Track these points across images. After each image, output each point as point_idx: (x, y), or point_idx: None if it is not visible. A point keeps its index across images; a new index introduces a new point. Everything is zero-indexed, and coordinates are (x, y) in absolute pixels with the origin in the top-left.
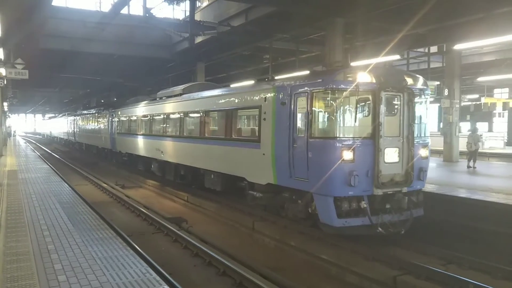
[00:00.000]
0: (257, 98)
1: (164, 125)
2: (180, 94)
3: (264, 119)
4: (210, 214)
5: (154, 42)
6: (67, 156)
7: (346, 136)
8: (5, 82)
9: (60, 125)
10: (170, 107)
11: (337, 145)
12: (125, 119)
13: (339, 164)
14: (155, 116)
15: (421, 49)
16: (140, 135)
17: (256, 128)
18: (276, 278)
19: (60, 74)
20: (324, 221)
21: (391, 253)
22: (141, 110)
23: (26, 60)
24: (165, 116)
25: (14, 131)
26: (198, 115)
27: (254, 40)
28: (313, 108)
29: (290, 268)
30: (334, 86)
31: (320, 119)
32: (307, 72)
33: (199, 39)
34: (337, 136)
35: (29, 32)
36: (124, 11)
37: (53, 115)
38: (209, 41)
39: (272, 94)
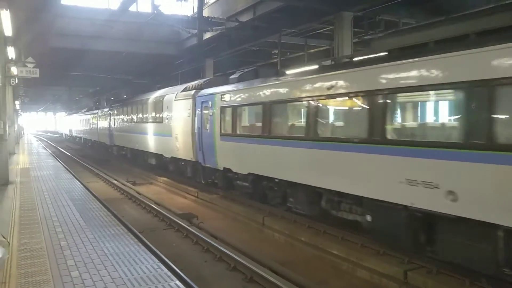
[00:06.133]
0: None
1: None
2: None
3: None
4: (220, 210)
5: (162, 39)
6: (78, 154)
7: None
8: (16, 81)
9: (85, 123)
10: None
11: None
12: (243, 110)
13: None
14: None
15: None
16: (298, 140)
17: None
18: (287, 273)
19: (70, 72)
20: None
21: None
22: (301, 89)
23: (36, 58)
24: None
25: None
26: None
27: (263, 35)
28: None
29: (300, 263)
30: None
31: None
32: None
33: (207, 35)
34: None
35: (39, 31)
36: (133, 8)
37: (74, 111)
38: (217, 37)
39: None
